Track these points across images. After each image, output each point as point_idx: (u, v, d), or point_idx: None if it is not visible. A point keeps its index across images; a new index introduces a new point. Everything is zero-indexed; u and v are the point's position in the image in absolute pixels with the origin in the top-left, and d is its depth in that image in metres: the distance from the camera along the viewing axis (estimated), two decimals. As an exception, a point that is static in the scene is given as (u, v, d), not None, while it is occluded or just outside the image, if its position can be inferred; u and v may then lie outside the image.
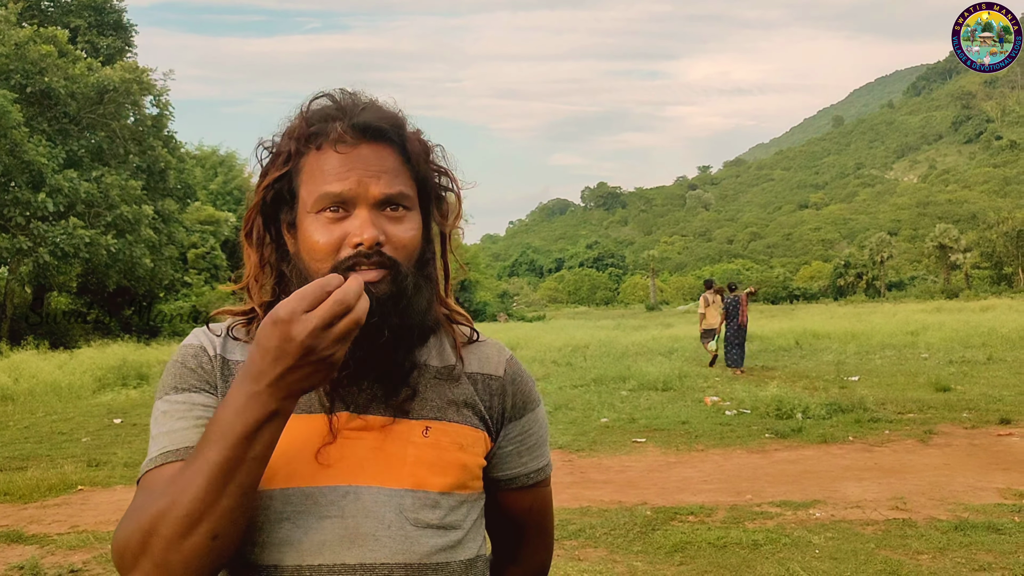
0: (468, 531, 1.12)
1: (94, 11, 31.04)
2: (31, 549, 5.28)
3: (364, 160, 1.06)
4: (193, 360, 1.10)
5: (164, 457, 1.03)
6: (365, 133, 1.07)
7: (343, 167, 1.05)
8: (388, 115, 1.10)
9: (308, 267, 1.06)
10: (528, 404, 1.21)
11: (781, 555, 4.95)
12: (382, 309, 1.02)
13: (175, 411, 1.07)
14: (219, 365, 1.10)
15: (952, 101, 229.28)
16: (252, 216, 1.11)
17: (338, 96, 1.10)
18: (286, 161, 1.08)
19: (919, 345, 19.68)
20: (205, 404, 1.07)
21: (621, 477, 7.19)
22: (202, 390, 1.08)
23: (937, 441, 8.41)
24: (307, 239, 1.05)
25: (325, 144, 1.07)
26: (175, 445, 1.03)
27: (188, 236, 31.18)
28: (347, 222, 1.04)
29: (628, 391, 12.64)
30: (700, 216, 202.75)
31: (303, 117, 1.09)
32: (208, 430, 0.95)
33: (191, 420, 1.05)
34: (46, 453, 8.58)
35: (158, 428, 1.07)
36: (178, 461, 1.01)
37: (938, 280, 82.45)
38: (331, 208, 1.04)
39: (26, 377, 14.03)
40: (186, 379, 1.09)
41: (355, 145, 1.06)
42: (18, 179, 23.39)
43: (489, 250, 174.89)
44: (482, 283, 64.19)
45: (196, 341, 1.13)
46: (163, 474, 1.01)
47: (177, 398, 1.08)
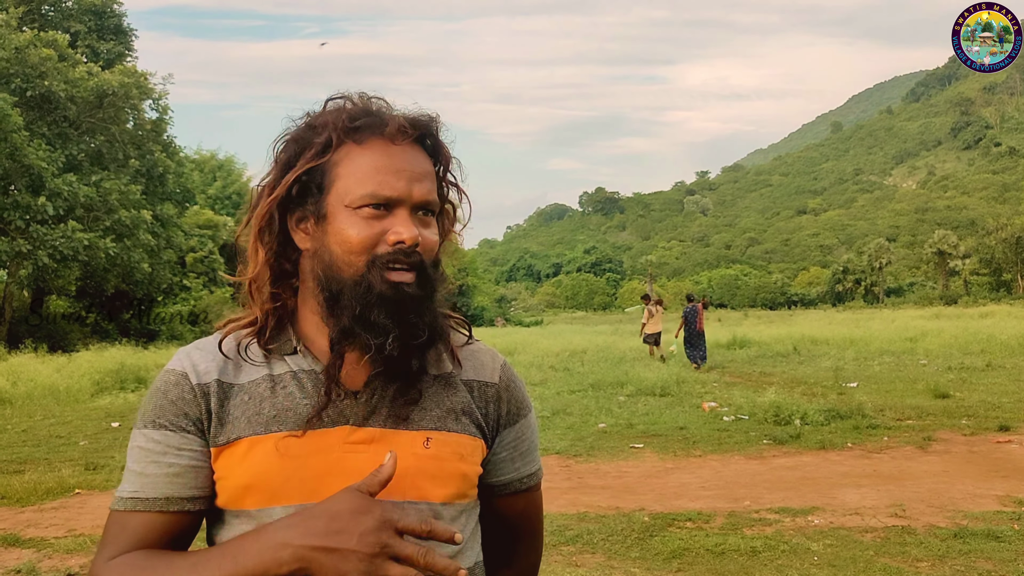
0: (467, 539, 1.13)
1: (94, 15, 31.07)
2: (28, 553, 5.27)
3: (409, 162, 1.08)
4: (175, 390, 1.09)
5: (135, 503, 1.07)
6: (414, 130, 1.09)
7: (392, 166, 1.06)
8: (426, 118, 1.11)
9: (339, 260, 1.05)
10: (521, 410, 1.22)
11: (779, 562, 4.94)
12: (418, 309, 1.05)
13: (150, 451, 1.08)
14: (212, 391, 1.09)
15: (951, 107, 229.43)
16: (270, 210, 1.09)
17: (356, 98, 1.12)
18: (321, 153, 1.07)
19: (918, 351, 19.69)
20: (179, 447, 1.07)
21: (619, 483, 7.18)
22: (180, 428, 1.08)
23: (936, 448, 8.40)
24: (342, 232, 1.05)
25: (370, 139, 1.07)
26: (147, 494, 1.07)
27: (186, 240, 31.17)
28: (386, 220, 1.05)
29: (626, 396, 12.63)
30: (698, 221, 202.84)
31: (343, 111, 1.09)
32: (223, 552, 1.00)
33: (164, 467, 1.07)
34: (44, 456, 8.56)
35: (133, 463, 1.09)
36: (147, 512, 1.06)
37: (937, 286, 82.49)
38: (375, 206, 1.05)
39: (24, 380, 14.00)
40: (164, 413, 1.08)
41: (406, 144, 1.08)
42: (18, 183, 23.39)
43: (487, 255, 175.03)
44: (480, 288, 64.21)
45: (179, 367, 1.11)
46: (134, 522, 1.06)
47: (154, 435, 1.08)
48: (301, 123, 1.11)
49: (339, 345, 1.07)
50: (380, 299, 1.03)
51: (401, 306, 1.04)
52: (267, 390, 1.09)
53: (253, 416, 1.07)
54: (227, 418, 1.07)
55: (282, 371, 1.10)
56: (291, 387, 1.09)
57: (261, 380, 1.09)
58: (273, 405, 1.07)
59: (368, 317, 1.03)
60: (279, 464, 1.04)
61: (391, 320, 1.03)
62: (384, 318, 1.03)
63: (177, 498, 1.06)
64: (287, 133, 1.11)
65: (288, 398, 1.08)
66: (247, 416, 1.07)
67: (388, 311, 1.03)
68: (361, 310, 1.03)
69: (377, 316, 1.03)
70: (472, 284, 59.22)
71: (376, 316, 1.03)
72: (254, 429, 1.06)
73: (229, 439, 1.06)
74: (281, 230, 1.10)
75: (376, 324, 1.03)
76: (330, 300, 1.06)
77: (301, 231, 1.10)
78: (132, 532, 1.05)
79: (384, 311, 1.03)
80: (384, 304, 1.03)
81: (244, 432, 1.06)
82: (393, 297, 1.03)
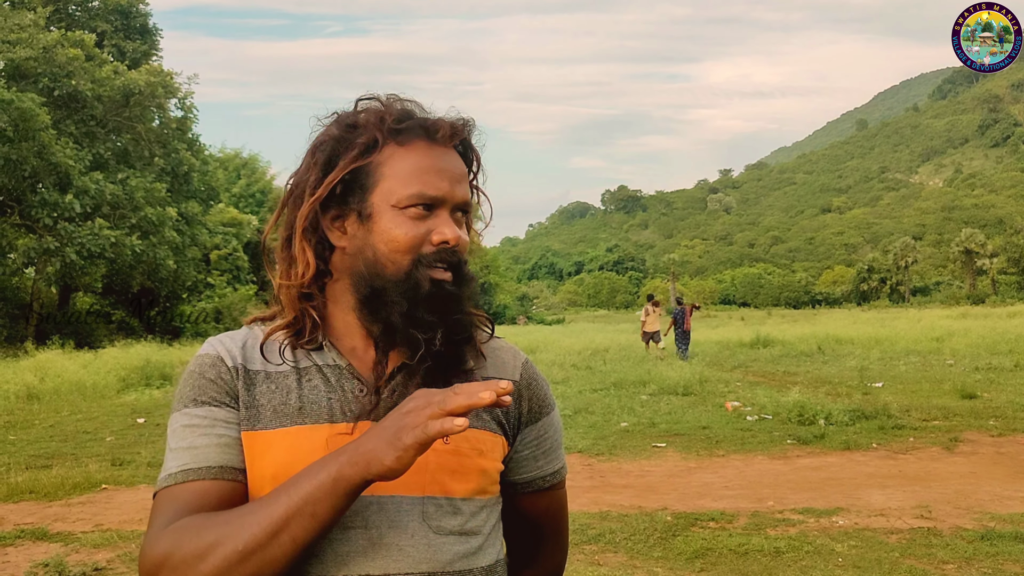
0: (488, 536, 1.12)
1: (120, 15, 31.42)
2: (56, 547, 5.33)
3: (451, 163, 1.11)
4: (212, 370, 1.09)
5: (186, 475, 1.03)
6: (458, 139, 1.12)
7: (435, 167, 1.09)
8: (463, 123, 1.14)
9: (384, 259, 1.07)
10: (544, 408, 1.21)
11: (804, 563, 4.90)
12: (459, 306, 1.08)
13: (197, 426, 1.06)
14: (241, 375, 1.10)
15: (979, 104, 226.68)
16: (313, 209, 1.09)
17: (386, 99, 1.13)
18: (364, 153, 1.08)
19: (944, 351, 19.45)
20: (227, 420, 1.07)
21: (641, 482, 7.15)
22: (223, 404, 1.08)
23: (963, 449, 8.30)
24: (388, 232, 1.07)
25: (414, 141, 1.09)
26: (198, 463, 1.04)
27: (211, 238, 31.45)
28: (430, 220, 1.08)
29: (648, 395, 12.58)
30: (721, 220, 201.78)
31: (387, 112, 1.10)
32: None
33: (214, 437, 1.05)
34: (71, 452, 8.66)
35: (178, 442, 1.06)
36: (200, 481, 1.02)
37: (964, 285, 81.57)
38: (421, 206, 1.07)
39: (52, 376, 14.20)
40: (206, 390, 1.08)
41: (449, 146, 1.11)
42: (46, 181, 23.69)
43: (509, 253, 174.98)
44: (501, 286, 64.26)
45: (212, 351, 1.12)
46: (186, 492, 1.02)
47: (198, 411, 1.07)
48: (336, 123, 1.12)
49: (384, 342, 1.09)
50: (427, 297, 1.05)
51: (444, 304, 1.06)
52: (294, 382, 1.09)
53: (279, 406, 1.08)
54: (253, 404, 1.08)
55: (307, 364, 1.11)
56: (316, 380, 1.09)
57: (289, 372, 1.10)
58: (299, 397, 1.08)
59: (416, 314, 1.05)
60: (305, 457, 1.04)
61: (437, 317, 1.06)
62: (431, 314, 1.05)
63: (231, 467, 1.04)
64: (323, 133, 1.12)
65: (313, 391, 1.09)
66: (273, 406, 1.08)
67: (433, 308, 1.06)
68: (409, 307, 1.05)
69: (424, 313, 1.05)
70: (494, 282, 59.29)
71: (423, 313, 1.05)
72: (280, 421, 1.07)
73: (254, 427, 1.07)
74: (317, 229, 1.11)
75: (424, 321, 1.05)
76: (371, 297, 1.07)
77: (336, 229, 1.10)
78: (184, 503, 1.00)
79: (429, 309, 1.05)
80: (430, 302, 1.05)
81: (271, 423, 1.07)
82: (437, 295, 1.06)
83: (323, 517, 0.94)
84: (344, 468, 0.93)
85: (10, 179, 22.96)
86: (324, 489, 0.93)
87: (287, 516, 0.93)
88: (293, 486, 0.95)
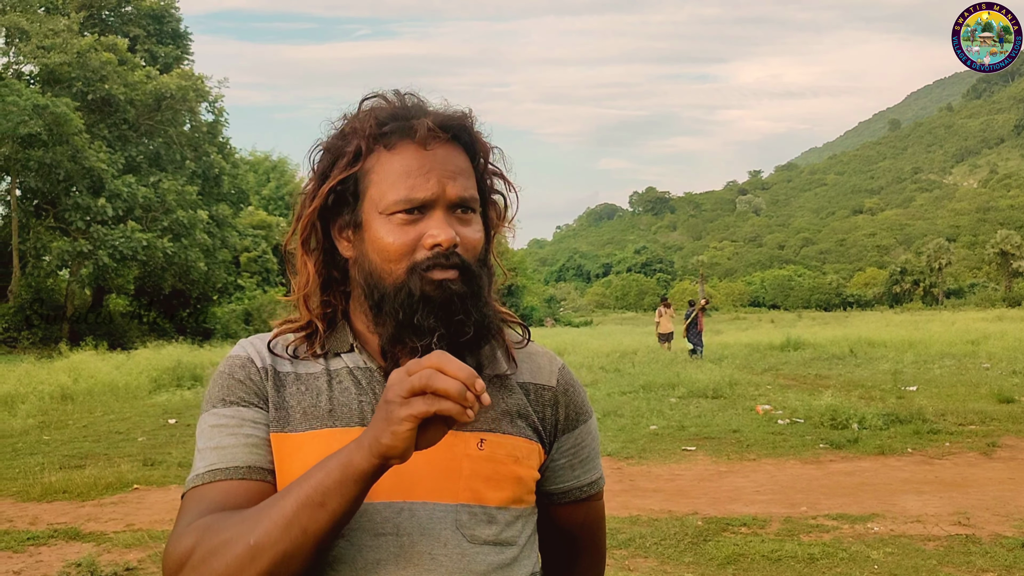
0: (523, 547, 1.09)
1: (153, 20, 31.83)
2: (88, 547, 5.38)
3: (441, 161, 1.05)
4: (241, 371, 1.08)
5: (213, 475, 1.02)
6: (445, 132, 1.06)
7: (422, 168, 1.04)
8: (458, 115, 1.09)
9: (379, 268, 1.04)
10: (581, 415, 1.18)
11: (838, 570, 4.82)
12: (464, 306, 1.02)
13: (225, 426, 1.05)
14: (271, 376, 1.08)
15: (1015, 104, 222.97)
16: (311, 220, 1.09)
17: (391, 97, 1.09)
18: (352, 162, 1.06)
19: (980, 355, 19.12)
20: (255, 420, 1.06)
21: (671, 486, 7.08)
22: (251, 404, 1.06)
23: (1001, 454, 8.13)
24: (378, 240, 1.04)
25: (400, 143, 1.05)
26: (225, 463, 1.02)
27: (241, 240, 31.79)
28: (422, 223, 1.03)
29: (677, 398, 12.48)
30: (751, 221, 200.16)
31: (372, 117, 1.07)
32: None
33: (241, 438, 1.04)
34: (103, 452, 8.76)
35: (206, 442, 1.05)
36: (227, 480, 1.01)
37: (999, 288, 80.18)
38: (408, 211, 1.03)
39: (85, 377, 14.40)
40: (235, 391, 1.07)
41: (437, 144, 1.05)
42: (79, 184, 24.07)
43: (536, 255, 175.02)
44: (529, 288, 64.28)
45: (243, 352, 1.11)
46: (213, 491, 1.00)
47: (226, 412, 1.06)
48: (335, 129, 1.10)
49: (392, 349, 1.06)
50: (424, 300, 1.01)
51: (447, 305, 1.02)
52: (324, 384, 1.08)
53: (310, 408, 1.06)
54: (283, 405, 1.07)
55: (338, 367, 1.10)
56: (347, 382, 1.08)
57: (319, 374, 1.09)
58: (330, 399, 1.07)
59: (412, 321, 1.02)
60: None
61: (437, 320, 1.01)
62: (429, 319, 1.01)
63: (259, 468, 1.03)
64: (320, 142, 1.10)
65: (344, 393, 1.07)
66: (303, 408, 1.06)
67: (433, 311, 1.02)
68: (404, 315, 1.02)
69: (421, 318, 1.01)
70: (521, 284, 59.31)
71: (420, 318, 1.01)
72: (310, 423, 1.05)
73: (284, 429, 1.05)
74: (326, 238, 1.10)
75: (420, 326, 1.02)
76: (375, 307, 1.06)
77: (344, 239, 1.09)
78: (211, 502, 1.00)
79: (429, 311, 1.01)
80: (428, 304, 1.02)
81: (300, 425, 1.05)
82: (439, 296, 1.02)
83: (333, 507, 0.91)
84: (352, 454, 0.91)
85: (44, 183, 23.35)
86: (333, 477, 0.91)
87: (297, 507, 0.91)
88: (304, 479, 0.93)
